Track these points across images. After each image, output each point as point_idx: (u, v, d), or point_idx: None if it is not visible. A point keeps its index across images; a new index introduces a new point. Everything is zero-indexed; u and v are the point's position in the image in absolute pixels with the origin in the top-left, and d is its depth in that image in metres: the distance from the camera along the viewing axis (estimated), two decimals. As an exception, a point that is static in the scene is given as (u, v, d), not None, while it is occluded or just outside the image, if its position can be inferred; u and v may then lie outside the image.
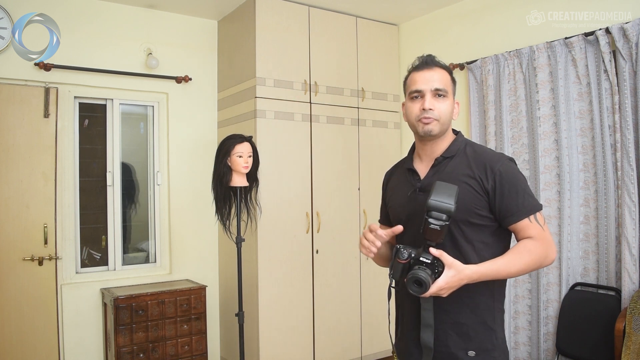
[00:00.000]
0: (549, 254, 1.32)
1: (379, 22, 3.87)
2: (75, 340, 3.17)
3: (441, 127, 1.41)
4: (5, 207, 2.98)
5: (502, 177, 1.33)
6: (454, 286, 1.24)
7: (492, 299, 1.37)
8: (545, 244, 1.31)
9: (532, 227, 1.31)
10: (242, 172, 2.88)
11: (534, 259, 1.29)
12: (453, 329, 1.34)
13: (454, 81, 1.47)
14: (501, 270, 1.27)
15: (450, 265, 1.23)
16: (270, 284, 3.24)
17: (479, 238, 1.35)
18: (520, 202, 1.32)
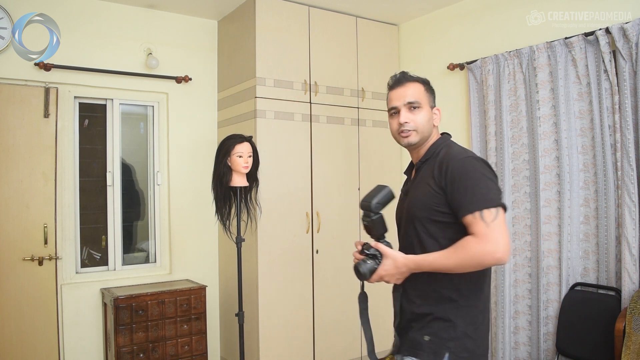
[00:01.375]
0: (489, 252, 1.30)
1: (379, 22, 3.87)
2: (75, 340, 3.17)
3: (420, 136, 1.54)
4: (5, 207, 2.98)
5: (454, 174, 1.38)
6: (394, 273, 1.43)
7: (457, 294, 1.42)
8: (485, 242, 1.30)
9: (475, 224, 1.33)
10: (242, 172, 2.88)
11: (469, 255, 1.31)
12: (415, 318, 1.47)
13: (431, 90, 1.59)
14: (435, 262, 1.37)
15: (388, 256, 1.43)
16: (270, 284, 3.24)
17: (445, 235, 1.41)
18: (467, 199, 1.35)
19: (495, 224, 1.31)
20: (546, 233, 2.94)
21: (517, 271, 3.10)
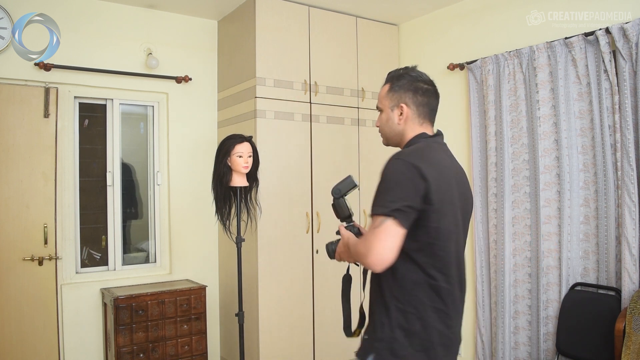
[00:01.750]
0: (362, 254, 1.35)
1: (379, 22, 3.87)
2: (75, 340, 3.17)
3: (386, 138, 1.61)
4: (5, 207, 2.98)
5: (380, 174, 1.43)
6: (344, 251, 1.55)
7: (390, 296, 1.43)
8: (363, 244, 1.36)
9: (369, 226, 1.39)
10: (242, 172, 2.88)
11: (357, 251, 1.42)
12: (368, 316, 1.55)
13: (397, 88, 1.56)
14: (350, 246, 1.50)
15: (342, 236, 1.58)
16: (270, 284, 3.24)
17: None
18: (373, 200, 1.40)
19: (377, 231, 1.31)
20: (546, 233, 2.94)
21: (517, 271, 3.10)
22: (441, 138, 1.58)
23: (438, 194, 1.37)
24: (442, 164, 1.45)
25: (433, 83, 1.60)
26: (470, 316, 3.42)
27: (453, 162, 1.54)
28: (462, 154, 3.46)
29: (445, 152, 1.54)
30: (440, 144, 1.55)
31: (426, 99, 1.56)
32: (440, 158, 1.48)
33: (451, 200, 1.43)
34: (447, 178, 1.44)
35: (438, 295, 1.41)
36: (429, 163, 1.40)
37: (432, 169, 1.38)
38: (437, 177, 1.38)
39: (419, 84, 1.55)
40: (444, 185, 1.41)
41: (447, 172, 1.45)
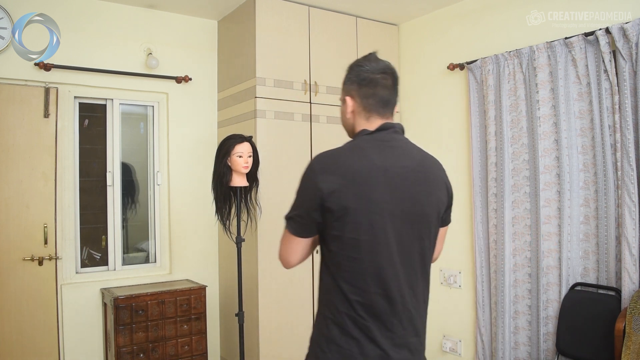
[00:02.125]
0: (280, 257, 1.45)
1: (379, 22, 3.87)
2: (75, 340, 3.17)
3: (346, 132, 1.53)
4: (5, 207, 2.98)
5: None
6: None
7: (320, 304, 1.42)
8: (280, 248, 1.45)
9: None
10: (242, 172, 2.88)
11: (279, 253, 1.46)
12: None
13: (346, 79, 1.46)
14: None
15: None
16: (270, 284, 3.24)
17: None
18: None
19: (283, 237, 1.42)
20: (546, 233, 2.94)
21: (517, 271, 3.10)
22: (388, 133, 1.38)
23: (343, 202, 1.27)
24: (361, 166, 1.30)
25: (386, 70, 1.40)
26: (470, 316, 3.42)
27: (399, 161, 1.34)
28: (462, 154, 3.46)
29: (387, 149, 1.35)
30: (381, 141, 1.36)
31: (371, 90, 1.38)
32: (362, 160, 1.32)
33: (374, 207, 1.29)
34: (366, 183, 1.29)
35: (353, 307, 1.31)
36: (337, 168, 1.31)
37: (337, 175, 1.29)
38: (346, 183, 1.28)
39: (365, 74, 1.39)
40: (359, 192, 1.28)
41: (370, 176, 1.29)
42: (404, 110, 3.88)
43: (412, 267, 1.35)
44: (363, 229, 1.29)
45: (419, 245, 1.35)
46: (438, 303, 3.62)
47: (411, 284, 1.35)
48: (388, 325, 1.32)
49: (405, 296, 1.33)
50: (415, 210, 1.34)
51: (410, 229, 1.33)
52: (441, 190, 1.41)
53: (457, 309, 3.51)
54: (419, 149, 1.43)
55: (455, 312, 3.52)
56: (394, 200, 1.31)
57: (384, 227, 1.30)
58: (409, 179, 1.33)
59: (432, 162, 1.43)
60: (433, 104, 3.69)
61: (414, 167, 1.35)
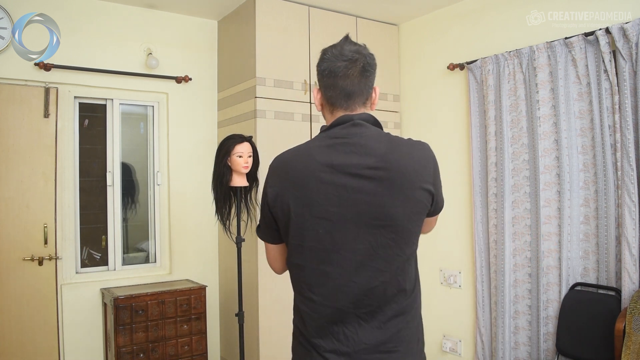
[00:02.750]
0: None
1: (379, 22, 3.87)
2: (75, 340, 3.17)
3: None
4: (5, 207, 2.98)
5: None
6: None
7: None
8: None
9: None
10: (242, 172, 2.88)
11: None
12: None
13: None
14: None
15: None
16: (270, 284, 3.24)
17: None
18: None
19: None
20: (546, 233, 2.94)
21: (517, 271, 3.10)
22: (343, 127, 1.23)
23: (285, 207, 1.22)
24: (304, 167, 1.21)
25: (352, 57, 1.25)
26: (470, 316, 3.42)
27: (351, 158, 1.19)
28: (462, 154, 3.46)
29: (339, 146, 1.21)
30: (333, 138, 1.23)
31: (331, 81, 1.25)
32: (306, 160, 1.21)
33: (318, 212, 1.19)
34: (308, 186, 1.19)
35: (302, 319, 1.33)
36: (281, 171, 1.25)
37: (281, 179, 1.24)
38: (287, 187, 1.22)
39: (325, 63, 1.27)
40: (300, 195, 1.20)
41: (313, 177, 1.19)
42: (404, 110, 3.87)
43: (374, 276, 1.20)
44: (307, 235, 1.21)
45: (384, 252, 1.19)
46: (438, 303, 3.62)
47: (373, 296, 1.20)
48: (339, 339, 1.22)
49: (363, 309, 1.21)
50: (373, 213, 1.18)
51: (368, 235, 1.18)
52: (414, 186, 1.20)
53: (457, 309, 3.51)
54: (390, 140, 1.23)
55: (455, 312, 3.52)
56: (343, 203, 1.18)
57: (331, 232, 1.19)
58: (364, 178, 1.18)
59: (403, 154, 1.21)
60: (433, 104, 3.69)
61: (372, 164, 1.18)
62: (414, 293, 1.27)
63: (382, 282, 1.20)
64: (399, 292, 1.23)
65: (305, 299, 1.27)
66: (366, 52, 1.29)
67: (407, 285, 1.24)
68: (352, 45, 1.29)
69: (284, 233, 1.28)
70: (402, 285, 1.23)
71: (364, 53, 1.28)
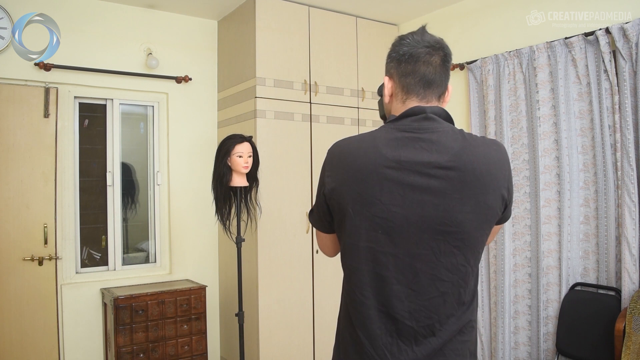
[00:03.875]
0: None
1: (379, 22, 3.87)
2: (75, 340, 3.17)
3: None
4: (5, 207, 2.98)
5: None
6: None
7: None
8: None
9: None
10: (242, 172, 2.88)
11: None
12: None
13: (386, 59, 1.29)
14: None
15: None
16: (270, 284, 3.24)
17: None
18: None
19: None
20: (546, 233, 2.94)
21: (517, 271, 3.10)
22: (414, 119, 1.13)
23: (342, 202, 1.13)
24: (368, 161, 1.11)
25: (434, 45, 1.16)
26: (470, 316, 3.42)
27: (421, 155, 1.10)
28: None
29: (408, 140, 1.11)
30: (403, 130, 1.13)
31: (411, 67, 1.15)
32: (371, 153, 1.11)
33: (378, 211, 1.10)
34: (370, 182, 1.10)
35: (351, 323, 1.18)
36: (342, 161, 1.15)
37: (341, 170, 1.14)
38: (347, 180, 1.13)
39: (405, 47, 1.16)
40: (360, 191, 1.11)
41: (376, 173, 1.10)
42: (404, 110, 3.88)
43: (433, 285, 1.11)
44: (364, 235, 1.12)
45: (446, 260, 1.10)
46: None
47: (432, 307, 1.11)
48: (391, 351, 1.12)
49: (421, 322, 1.11)
50: (439, 218, 1.09)
51: (432, 240, 1.09)
52: (487, 191, 1.10)
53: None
54: (465, 138, 1.12)
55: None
56: (407, 204, 1.09)
57: (390, 234, 1.10)
58: (434, 178, 1.08)
59: (479, 154, 1.11)
60: (433, 104, 3.69)
61: (443, 164, 1.08)
62: (472, 306, 1.18)
63: (442, 293, 1.11)
64: (459, 305, 1.14)
65: (357, 304, 1.16)
66: (446, 45, 1.19)
67: (467, 298, 1.15)
68: (432, 35, 1.19)
69: (338, 228, 1.19)
70: (462, 298, 1.14)
71: (444, 45, 1.18)
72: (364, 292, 1.14)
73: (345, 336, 1.21)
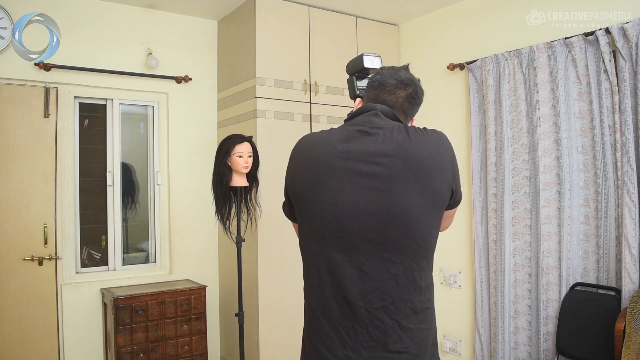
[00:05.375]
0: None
1: (379, 22, 3.87)
2: (75, 340, 3.17)
3: None
4: (5, 207, 2.98)
5: None
6: None
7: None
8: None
9: None
10: (242, 172, 2.88)
11: None
12: None
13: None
14: None
15: None
16: (270, 284, 3.24)
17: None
18: None
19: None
20: (546, 233, 2.94)
21: (517, 271, 3.10)
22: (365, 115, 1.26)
23: (299, 189, 1.26)
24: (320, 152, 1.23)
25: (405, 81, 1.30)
26: (471, 316, 3.42)
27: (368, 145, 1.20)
28: (462, 154, 3.46)
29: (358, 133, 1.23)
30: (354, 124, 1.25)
31: (377, 92, 1.32)
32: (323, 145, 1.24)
33: (329, 197, 1.19)
34: (322, 170, 1.20)
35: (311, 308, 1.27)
36: (301, 153, 1.30)
37: (299, 161, 1.29)
38: (302, 170, 1.26)
39: (378, 76, 1.34)
40: (312, 179, 1.22)
41: (327, 162, 1.21)
42: (404, 110, 3.87)
43: (384, 268, 1.17)
44: (317, 221, 1.21)
45: (396, 244, 1.17)
46: (438, 303, 3.61)
47: (384, 289, 1.17)
48: (348, 333, 1.18)
49: (374, 304, 1.17)
50: (387, 203, 1.16)
51: (381, 225, 1.16)
52: (432, 175, 1.19)
53: (457, 309, 3.51)
54: (408, 131, 1.22)
55: (455, 312, 3.52)
56: (356, 191, 1.17)
57: (341, 220, 1.18)
58: (380, 166, 1.17)
59: (420, 142, 1.20)
60: (433, 104, 3.69)
61: (388, 152, 1.18)
62: (428, 291, 1.23)
63: (393, 275, 1.17)
64: (415, 289, 1.19)
65: (315, 286, 1.24)
66: (419, 84, 1.33)
67: (422, 282, 1.20)
68: (408, 72, 1.33)
69: (297, 215, 1.31)
70: (418, 282, 1.19)
71: (417, 84, 1.32)
72: (321, 275, 1.22)
73: (308, 319, 1.29)
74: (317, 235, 1.22)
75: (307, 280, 1.29)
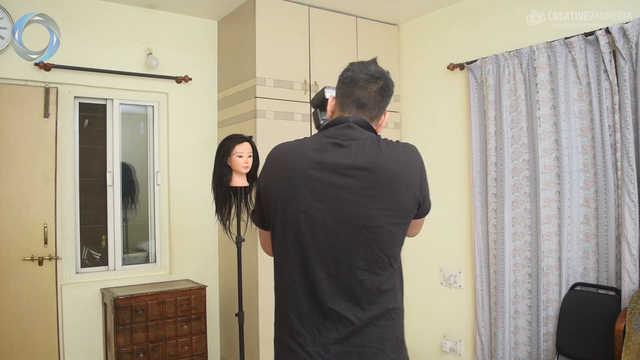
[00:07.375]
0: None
1: (379, 22, 3.87)
2: (75, 340, 3.17)
3: None
4: (5, 207, 2.98)
5: None
6: None
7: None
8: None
9: None
10: (242, 172, 2.88)
11: None
12: None
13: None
14: None
15: None
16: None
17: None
18: None
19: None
20: (546, 233, 2.94)
21: (517, 271, 3.10)
22: (338, 127, 1.30)
23: (272, 197, 1.30)
24: (295, 162, 1.27)
25: (375, 74, 1.33)
26: (471, 316, 3.42)
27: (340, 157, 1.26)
28: (462, 154, 3.46)
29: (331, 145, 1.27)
30: (327, 137, 1.30)
31: (349, 89, 1.34)
32: (298, 155, 1.28)
33: (301, 206, 1.25)
34: (295, 181, 1.26)
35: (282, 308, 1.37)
36: (276, 162, 1.32)
37: (274, 169, 1.31)
38: (277, 179, 1.29)
39: (348, 72, 1.37)
40: (287, 188, 1.27)
41: (301, 173, 1.26)
42: (403, 110, 3.87)
43: (352, 274, 1.25)
44: (290, 228, 1.27)
45: (364, 252, 1.24)
46: (438, 303, 3.62)
47: (352, 293, 1.25)
48: (319, 330, 1.26)
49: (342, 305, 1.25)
50: (355, 213, 1.23)
51: (350, 233, 1.23)
52: (400, 189, 1.26)
53: (457, 309, 3.51)
54: (380, 143, 1.29)
55: (455, 312, 3.52)
56: (327, 201, 1.23)
57: (313, 228, 1.25)
58: (350, 178, 1.23)
59: (391, 156, 1.27)
60: (433, 104, 3.69)
61: (359, 165, 1.24)
62: (393, 293, 1.31)
63: (360, 281, 1.25)
64: (379, 293, 1.27)
65: (287, 287, 1.32)
66: (389, 77, 1.36)
67: (386, 286, 1.29)
68: (377, 66, 1.37)
69: (270, 222, 1.35)
70: (381, 287, 1.28)
71: (387, 77, 1.36)
72: (294, 277, 1.30)
73: (278, 321, 1.39)
74: (290, 241, 1.28)
75: (279, 282, 1.37)
